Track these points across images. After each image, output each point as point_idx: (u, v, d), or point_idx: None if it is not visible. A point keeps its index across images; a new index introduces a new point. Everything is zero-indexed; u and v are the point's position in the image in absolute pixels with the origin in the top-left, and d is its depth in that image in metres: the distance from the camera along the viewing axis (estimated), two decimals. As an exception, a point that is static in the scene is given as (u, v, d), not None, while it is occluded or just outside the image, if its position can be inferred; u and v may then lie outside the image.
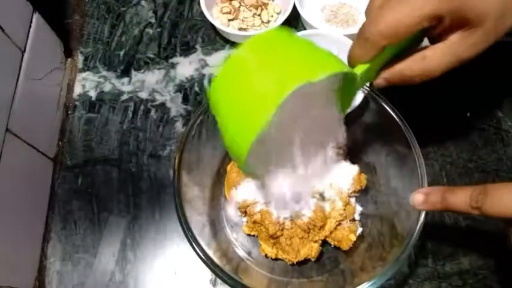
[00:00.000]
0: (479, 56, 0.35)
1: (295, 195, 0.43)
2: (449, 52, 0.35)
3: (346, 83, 0.37)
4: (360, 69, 0.36)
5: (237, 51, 0.32)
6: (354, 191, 0.47)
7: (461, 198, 0.33)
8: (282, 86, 0.29)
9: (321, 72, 0.30)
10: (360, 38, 0.35)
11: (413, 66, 0.35)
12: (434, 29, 0.35)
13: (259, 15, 0.61)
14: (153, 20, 0.63)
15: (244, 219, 0.47)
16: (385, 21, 0.33)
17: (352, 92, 0.39)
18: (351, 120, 0.42)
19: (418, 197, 0.36)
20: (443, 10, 0.32)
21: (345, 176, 0.46)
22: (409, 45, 0.36)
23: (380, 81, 0.38)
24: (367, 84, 0.49)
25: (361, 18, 0.62)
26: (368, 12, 0.37)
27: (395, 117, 0.43)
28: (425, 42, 0.37)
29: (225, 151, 0.50)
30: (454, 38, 0.34)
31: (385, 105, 0.43)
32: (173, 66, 0.60)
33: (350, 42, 0.54)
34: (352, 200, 0.47)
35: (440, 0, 0.32)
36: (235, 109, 0.32)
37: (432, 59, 0.35)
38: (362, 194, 0.48)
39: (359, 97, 0.48)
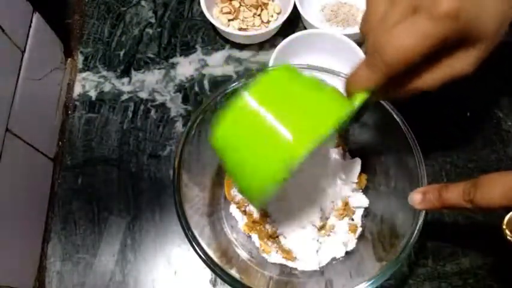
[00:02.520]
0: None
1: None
2: (443, 68, 0.34)
3: None
4: (358, 100, 0.34)
5: (244, 95, 0.32)
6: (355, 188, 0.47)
7: (455, 192, 0.33)
8: (304, 139, 0.30)
9: (336, 119, 0.31)
10: (368, 62, 0.33)
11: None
12: None
13: (259, 15, 0.61)
14: (153, 20, 0.63)
15: (245, 219, 0.47)
16: (396, 46, 0.31)
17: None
18: (350, 120, 0.42)
19: (416, 197, 0.37)
20: (453, 34, 0.31)
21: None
22: None
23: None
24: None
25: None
26: (368, 26, 0.35)
27: (395, 117, 0.43)
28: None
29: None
30: (448, 55, 0.33)
31: (385, 105, 0.43)
32: (173, 66, 0.60)
33: (350, 42, 0.55)
34: (353, 197, 0.47)
35: (451, 25, 0.30)
36: (251, 158, 0.32)
37: (426, 76, 0.34)
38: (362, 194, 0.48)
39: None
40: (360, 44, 0.55)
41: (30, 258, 0.49)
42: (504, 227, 0.31)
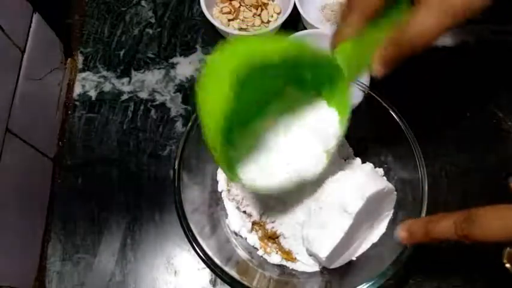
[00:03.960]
0: (481, 55, 0.32)
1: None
2: (433, 6, 0.30)
3: (333, 81, 0.36)
4: (341, 51, 0.33)
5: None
6: None
7: (445, 227, 0.32)
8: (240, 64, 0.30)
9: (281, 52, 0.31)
10: (343, 11, 0.32)
11: (402, 33, 0.31)
12: None
13: (259, 15, 0.61)
14: (153, 20, 0.63)
15: (245, 219, 0.47)
16: None
17: (343, 89, 0.36)
18: (350, 120, 0.42)
19: (401, 235, 0.35)
20: None
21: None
22: (394, 21, 0.33)
23: (377, 67, 0.33)
24: (367, 85, 0.49)
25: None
26: None
27: (395, 117, 0.43)
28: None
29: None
30: None
31: (385, 105, 0.43)
32: (173, 66, 0.60)
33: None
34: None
35: None
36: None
37: (418, 18, 0.30)
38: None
39: (359, 97, 0.48)
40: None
41: (30, 258, 0.49)
42: (505, 261, 0.30)
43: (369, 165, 0.46)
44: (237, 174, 0.38)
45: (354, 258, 0.44)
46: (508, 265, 0.30)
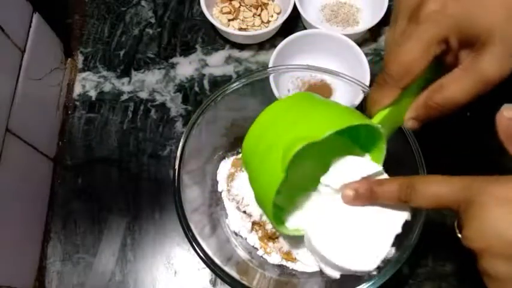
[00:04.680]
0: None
1: None
2: (465, 75, 0.32)
3: (369, 138, 0.38)
4: (378, 118, 0.35)
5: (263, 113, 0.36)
6: None
7: (389, 190, 0.34)
8: (289, 148, 0.32)
9: (324, 130, 0.32)
10: (378, 81, 0.34)
11: (433, 97, 0.33)
12: (447, 55, 0.33)
13: (259, 15, 0.61)
14: (153, 20, 0.63)
15: (245, 219, 0.47)
16: (398, 61, 0.32)
17: (380, 145, 0.38)
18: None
19: (348, 194, 0.36)
20: (446, 31, 0.31)
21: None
22: (429, 80, 0.34)
23: (409, 122, 0.36)
24: (367, 85, 0.49)
25: (362, 18, 0.62)
26: (386, 47, 0.36)
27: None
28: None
29: (225, 151, 0.50)
30: (466, 59, 0.32)
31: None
32: (173, 66, 0.60)
33: (350, 42, 0.55)
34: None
35: (441, 21, 0.31)
36: (259, 168, 0.36)
37: (450, 85, 0.32)
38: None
39: (359, 97, 0.48)
40: (359, 44, 0.55)
41: (30, 258, 0.49)
42: (457, 231, 0.31)
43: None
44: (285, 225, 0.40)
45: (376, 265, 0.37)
46: (459, 235, 0.30)
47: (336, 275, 0.37)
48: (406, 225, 0.39)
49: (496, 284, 0.28)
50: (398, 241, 0.38)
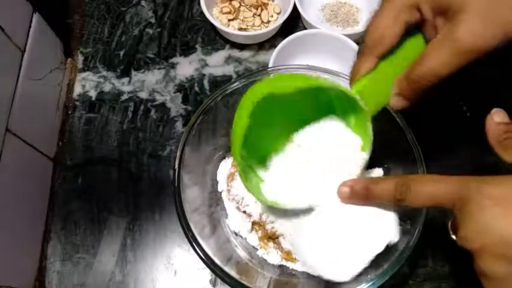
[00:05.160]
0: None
1: None
2: (442, 44, 0.31)
3: (355, 115, 0.38)
4: (356, 88, 0.36)
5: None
6: None
7: (384, 189, 0.34)
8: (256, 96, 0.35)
9: (293, 86, 0.35)
10: (357, 52, 0.36)
11: (414, 69, 0.33)
12: (427, 28, 0.34)
13: (259, 15, 0.61)
14: (153, 20, 0.63)
15: (245, 220, 0.47)
16: (371, 29, 0.34)
17: (364, 121, 0.38)
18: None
19: (343, 190, 0.36)
20: None
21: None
22: (408, 55, 0.35)
23: (394, 99, 0.36)
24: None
25: (362, 18, 0.62)
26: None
27: (395, 117, 0.43)
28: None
29: (225, 151, 0.50)
30: (443, 28, 0.32)
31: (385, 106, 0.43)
32: (173, 66, 0.60)
33: (350, 41, 0.55)
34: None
35: None
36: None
37: (431, 55, 0.32)
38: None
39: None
40: (359, 44, 0.55)
41: (30, 258, 0.49)
42: (451, 233, 0.31)
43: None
44: (261, 191, 0.41)
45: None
46: (453, 236, 0.30)
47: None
48: (407, 225, 0.40)
49: (492, 284, 0.28)
50: (396, 246, 0.38)
